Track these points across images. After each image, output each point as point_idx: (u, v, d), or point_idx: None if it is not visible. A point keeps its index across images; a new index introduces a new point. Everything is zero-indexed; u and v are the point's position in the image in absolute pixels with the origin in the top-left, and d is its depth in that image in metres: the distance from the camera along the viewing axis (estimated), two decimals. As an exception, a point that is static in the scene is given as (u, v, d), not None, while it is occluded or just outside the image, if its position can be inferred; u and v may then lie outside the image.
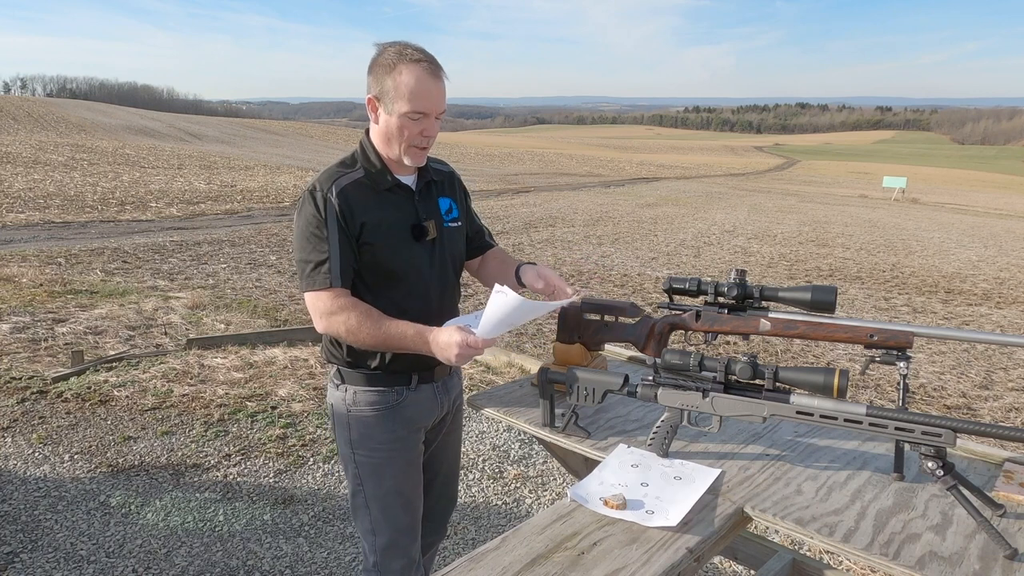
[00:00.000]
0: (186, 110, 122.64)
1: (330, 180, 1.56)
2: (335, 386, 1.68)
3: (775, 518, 1.29)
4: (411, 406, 1.68)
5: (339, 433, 1.70)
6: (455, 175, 1.81)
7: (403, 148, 1.57)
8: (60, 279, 6.49)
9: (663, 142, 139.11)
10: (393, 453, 1.67)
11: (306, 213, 1.55)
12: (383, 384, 1.65)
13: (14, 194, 12.78)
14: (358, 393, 1.65)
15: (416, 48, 1.54)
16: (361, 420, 1.65)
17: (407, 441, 1.69)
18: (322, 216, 1.53)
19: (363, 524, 1.71)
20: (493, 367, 4.62)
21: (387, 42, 1.57)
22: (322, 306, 1.54)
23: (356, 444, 1.67)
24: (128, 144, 31.78)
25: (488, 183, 22.93)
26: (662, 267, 9.05)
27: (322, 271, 1.53)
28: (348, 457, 1.69)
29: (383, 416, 1.65)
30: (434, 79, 1.53)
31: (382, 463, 1.67)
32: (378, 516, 1.68)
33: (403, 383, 1.66)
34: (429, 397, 1.71)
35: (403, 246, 1.61)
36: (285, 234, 10.12)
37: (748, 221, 15.60)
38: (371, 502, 1.68)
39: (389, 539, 1.69)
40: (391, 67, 1.51)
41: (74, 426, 3.52)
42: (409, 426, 1.69)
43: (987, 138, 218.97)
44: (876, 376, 4.84)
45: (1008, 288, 8.91)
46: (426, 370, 1.68)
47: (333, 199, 1.54)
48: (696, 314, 1.64)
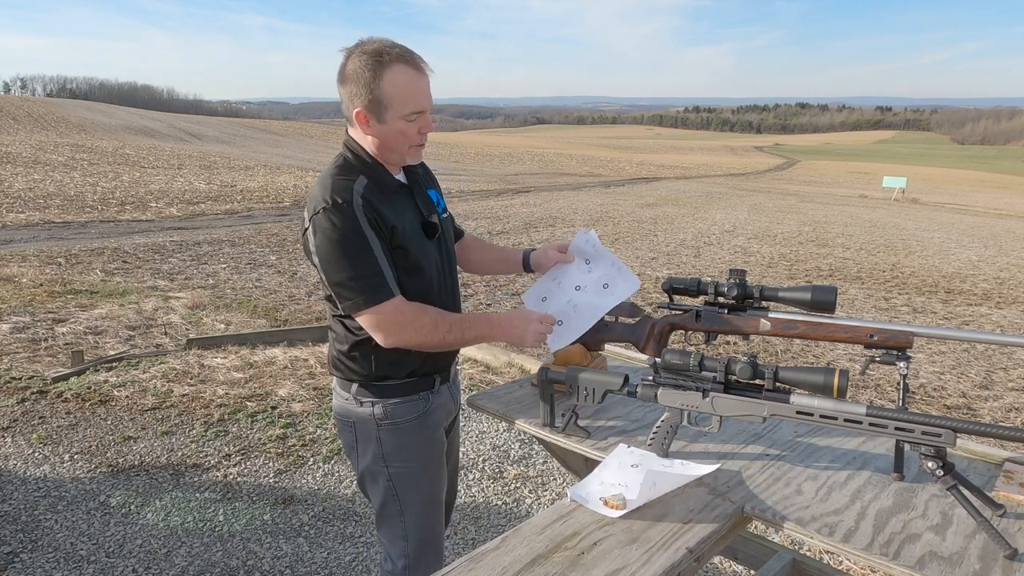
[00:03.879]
0: (186, 110, 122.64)
1: (346, 190, 1.46)
2: (358, 403, 1.61)
3: (775, 518, 1.29)
4: (437, 410, 1.67)
5: (366, 449, 1.63)
6: (426, 163, 1.77)
7: (406, 151, 1.54)
8: (60, 279, 6.49)
9: (663, 142, 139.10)
10: (429, 459, 1.67)
11: (338, 228, 1.43)
12: (412, 392, 1.62)
13: (14, 194, 12.78)
14: (388, 407, 1.60)
15: (390, 44, 1.46)
16: (395, 432, 1.61)
17: (438, 444, 1.69)
18: (359, 227, 1.44)
19: (393, 531, 1.67)
20: (493, 367, 4.62)
21: (353, 47, 1.47)
22: (393, 319, 1.47)
23: (391, 457, 1.62)
24: (128, 144, 31.79)
25: (488, 183, 22.93)
26: (662, 267, 9.05)
27: (379, 284, 1.45)
28: (378, 471, 1.63)
29: (417, 424, 1.63)
30: (421, 73, 1.48)
31: (419, 471, 1.65)
32: (413, 522, 1.66)
33: (428, 387, 1.64)
34: (447, 397, 1.72)
35: (420, 245, 1.57)
36: (285, 234, 10.12)
37: (748, 221, 15.60)
38: (407, 509, 1.65)
39: (423, 541, 1.67)
40: (376, 74, 1.43)
41: (74, 426, 3.52)
42: (437, 429, 1.69)
43: (987, 138, 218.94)
44: (876, 376, 4.84)
45: (1008, 288, 8.91)
46: (444, 371, 1.69)
47: (360, 208, 1.45)
48: (696, 314, 1.64)
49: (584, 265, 1.77)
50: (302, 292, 6.60)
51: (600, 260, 1.75)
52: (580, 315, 1.69)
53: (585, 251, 1.77)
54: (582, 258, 1.77)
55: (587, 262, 1.76)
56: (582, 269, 1.76)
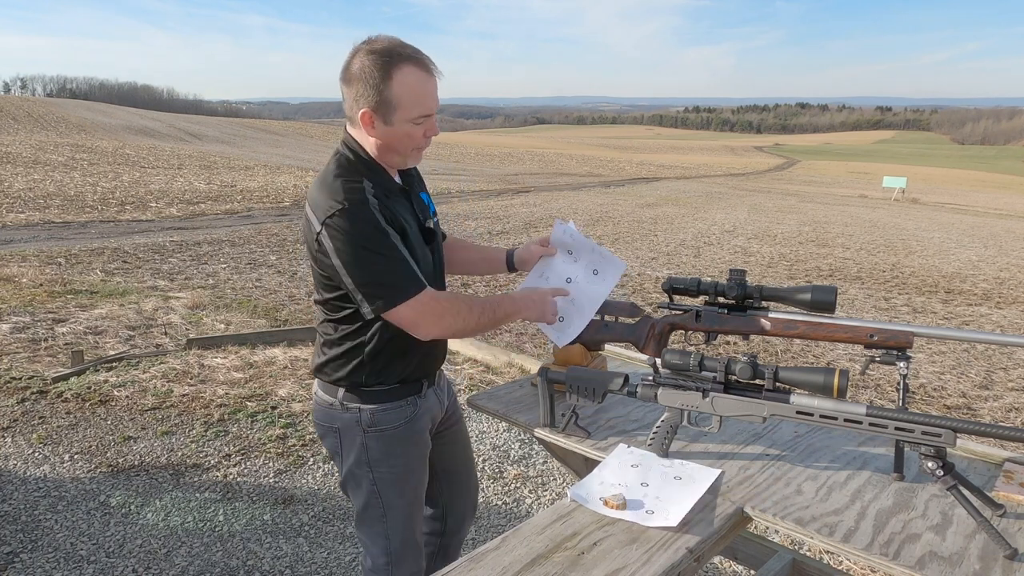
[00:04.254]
0: (186, 110, 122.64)
1: (355, 192, 1.43)
2: (344, 409, 1.59)
3: (775, 518, 1.29)
4: (424, 414, 1.66)
5: (350, 454, 1.62)
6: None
7: (408, 153, 1.52)
8: (60, 279, 6.49)
9: (663, 142, 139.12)
10: (414, 463, 1.66)
11: (359, 228, 1.40)
12: (400, 397, 1.61)
13: (14, 194, 12.78)
14: (376, 413, 1.58)
15: (399, 43, 1.43)
16: (380, 439, 1.60)
17: (423, 447, 1.69)
18: (380, 224, 1.42)
19: (375, 529, 1.67)
20: (493, 367, 4.62)
21: (361, 44, 1.44)
22: (431, 310, 1.46)
23: (376, 463, 1.61)
24: (128, 144, 31.79)
25: (488, 183, 22.93)
26: (662, 267, 9.05)
27: (410, 277, 1.44)
28: (362, 476, 1.62)
29: (402, 430, 1.62)
30: (430, 75, 1.46)
31: (404, 474, 1.64)
32: (396, 522, 1.66)
33: (416, 392, 1.63)
34: (433, 400, 1.71)
35: (421, 251, 1.56)
36: (285, 234, 10.12)
37: (748, 221, 15.60)
38: (389, 511, 1.64)
39: (402, 540, 1.68)
40: (385, 75, 1.40)
41: (74, 426, 3.52)
42: (423, 433, 1.68)
43: (987, 138, 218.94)
44: (876, 376, 4.84)
45: (1008, 288, 8.91)
46: (431, 375, 1.68)
47: (376, 207, 1.43)
48: (696, 314, 1.64)
49: (568, 256, 1.77)
50: (302, 292, 6.60)
51: (582, 249, 1.75)
52: (579, 307, 1.70)
53: (565, 242, 1.77)
54: (564, 249, 1.77)
55: (570, 253, 1.77)
56: (567, 260, 1.77)
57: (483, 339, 5.04)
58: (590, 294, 1.71)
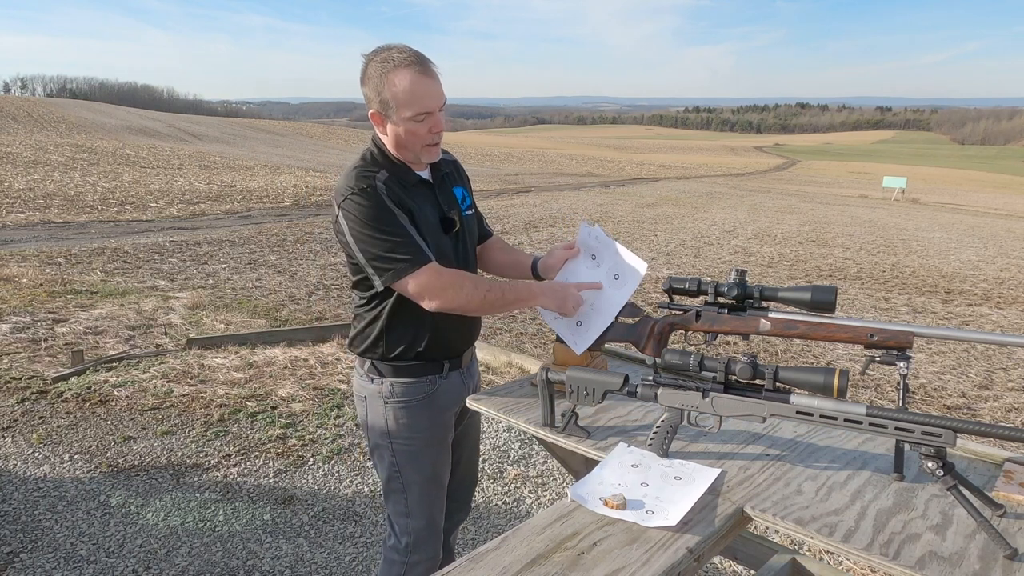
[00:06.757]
0: (186, 110, 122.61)
1: (368, 178, 1.58)
2: (370, 380, 1.73)
3: (775, 518, 1.29)
4: (444, 394, 1.76)
5: (375, 424, 1.75)
6: (458, 162, 1.89)
7: (419, 149, 1.63)
8: (60, 279, 6.49)
9: (663, 142, 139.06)
10: (431, 440, 1.76)
11: (366, 208, 1.55)
12: (419, 375, 1.72)
13: (14, 194, 12.78)
14: (395, 385, 1.71)
15: (399, 50, 1.56)
16: (400, 410, 1.72)
17: (442, 427, 1.78)
18: (385, 204, 1.55)
19: (397, 507, 1.77)
20: (493, 367, 4.62)
21: (371, 52, 1.58)
22: (434, 283, 1.56)
23: (395, 434, 1.73)
24: (128, 144, 31.78)
25: (488, 183, 22.92)
26: (662, 267, 9.05)
27: (415, 251, 1.56)
28: (384, 446, 1.75)
29: (421, 405, 1.73)
30: (426, 76, 1.56)
31: (420, 450, 1.75)
32: (415, 499, 1.76)
33: (435, 371, 1.74)
34: (457, 383, 1.80)
35: (436, 239, 1.66)
36: (285, 234, 10.13)
37: (748, 221, 15.60)
38: (409, 487, 1.75)
39: (425, 520, 1.77)
40: (382, 78, 1.54)
41: (74, 426, 3.52)
42: (443, 413, 1.77)
43: (987, 138, 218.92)
44: (876, 376, 4.84)
45: (1008, 288, 8.91)
46: (456, 357, 1.77)
47: (383, 191, 1.56)
48: (696, 314, 1.64)
49: (591, 262, 1.79)
50: (302, 292, 6.61)
51: (606, 252, 1.77)
52: (598, 311, 1.72)
53: (590, 245, 1.79)
54: (588, 254, 1.79)
55: (593, 257, 1.78)
56: (589, 266, 1.78)
57: (483, 339, 5.03)
58: (611, 298, 1.73)
